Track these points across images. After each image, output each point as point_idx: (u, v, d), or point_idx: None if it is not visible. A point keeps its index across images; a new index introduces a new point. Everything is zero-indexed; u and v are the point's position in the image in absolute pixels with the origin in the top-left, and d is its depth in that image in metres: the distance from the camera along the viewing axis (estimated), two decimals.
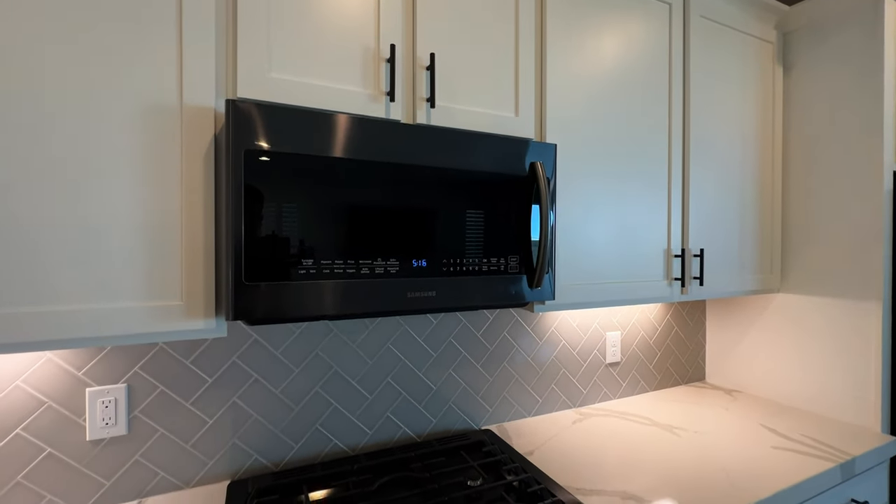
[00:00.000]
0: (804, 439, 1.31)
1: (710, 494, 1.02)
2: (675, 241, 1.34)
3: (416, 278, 0.87)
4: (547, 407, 1.51)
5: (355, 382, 1.21)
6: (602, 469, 1.13)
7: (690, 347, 1.85)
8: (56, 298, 0.69)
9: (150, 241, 0.75)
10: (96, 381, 0.96)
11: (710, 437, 1.33)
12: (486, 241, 0.94)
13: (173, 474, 1.02)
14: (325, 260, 0.79)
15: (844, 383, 1.45)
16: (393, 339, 1.26)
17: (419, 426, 1.29)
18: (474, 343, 1.38)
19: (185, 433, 1.03)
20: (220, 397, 1.07)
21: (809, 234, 1.53)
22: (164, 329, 0.75)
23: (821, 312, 1.51)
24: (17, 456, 0.90)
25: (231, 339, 1.07)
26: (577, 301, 1.16)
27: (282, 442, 1.13)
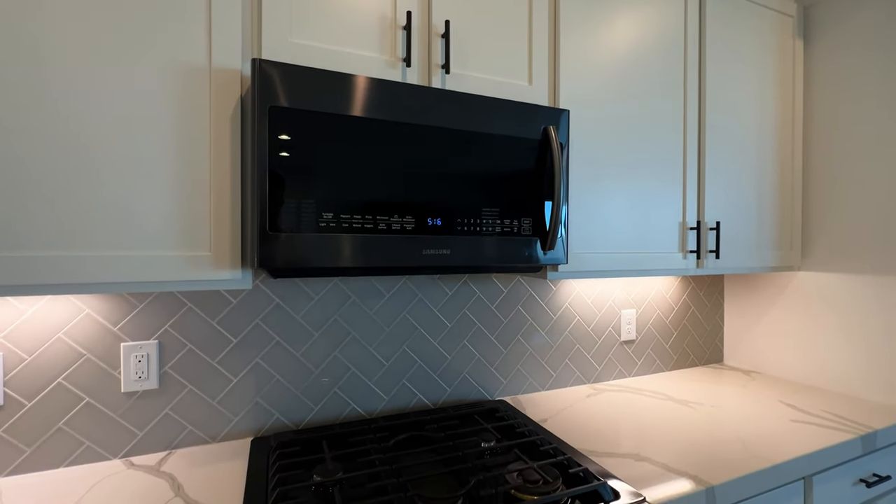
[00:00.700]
0: (825, 414, 1.29)
1: (724, 459, 1.02)
2: (690, 214, 1.34)
3: (432, 236, 0.90)
4: (561, 382, 1.52)
5: (372, 349, 1.25)
6: (616, 435, 1.14)
7: (708, 328, 1.84)
8: (96, 245, 0.74)
9: (181, 194, 0.79)
10: (130, 336, 1.02)
11: (726, 410, 1.32)
12: (499, 203, 0.96)
13: (201, 428, 1.07)
14: (343, 214, 0.83)
15: (869, 362, 1.42)
16: (409, 309, 1.29)
17: (434, 394, 1.32)
18: (489, 315, 1.40)
19: (212, 390, 1.08)
20: (244, 357, 1.11)
21: (832, 209, 1.50)
22: (193, 277, 0.80)
23: (844, 289, 1.48)
24: (59, 403, 0.96)
25: (254, 302, 1.12)
26: (591, 269, 1.17)
27: (302, 403, 1.17)
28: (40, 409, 0.95)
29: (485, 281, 1.39)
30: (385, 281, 1.26)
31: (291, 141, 0.79)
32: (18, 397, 0.93)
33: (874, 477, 1.21)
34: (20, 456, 0.93)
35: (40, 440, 0.95)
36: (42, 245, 0.71)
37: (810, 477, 1.09)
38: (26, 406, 0.94)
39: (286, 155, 0.78)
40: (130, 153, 0.76)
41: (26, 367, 0.94)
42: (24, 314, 0.94)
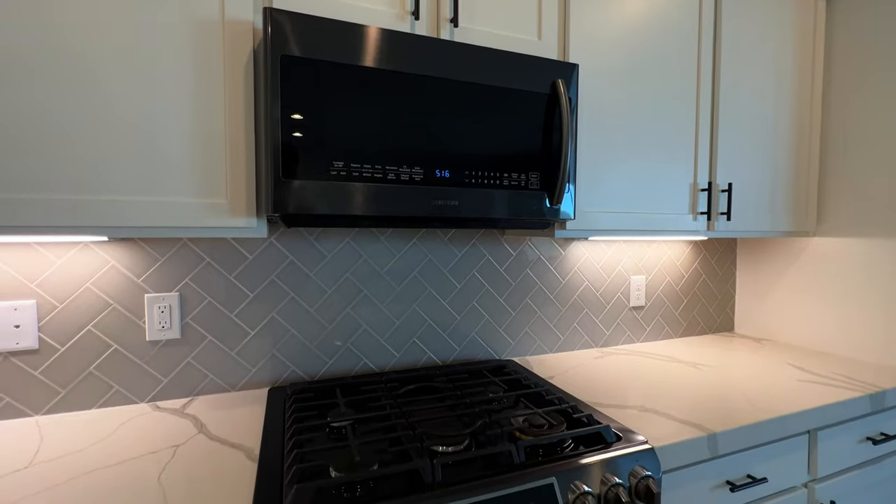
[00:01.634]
0: (834, 375, 1.29)
1: (729, 412, 1.03)
2: (701, 175, 1.32)
3: (440, 187, 0.91)
4: (569, 345, 1.54)
5: (383, 307, 1.28)
6: (622, 390, 1.16)
7: (719, 297, 1.83)
8: (118, 189, 0.78)
9: (197, 144, 0.82)
10: (153, 288, 1.07)
11: (733, 370, 1.33)
12: (507, 157, 0.97)
13: (221, 377, 1.13)
14: (354, 164, 0.85)
15: (882, 327, 1.41)
16: (419, 269, 1.32)
17: (443, 353, 1.36)
18: (498, 278, 1.42)
19: (231, 341, 1.13)
20: (260, 312, 1.16)
21: (850, 174, 1.47)
22: (210, 224, 0.83)
23: (859, 254, 1.46)
24: (89, 349, 1.02)
25: (269, 258, 1.16)
26: (599, 228, 1.18)
27: (316, 357, 1.21)
28: (72, 354, 1.01)
29: (494, 243, 1.41)
30: (395, 241, 1.28)
31: (302, 90, 0.80)
32: (52, 342, 0.99)
33: (882, 435, 1.21)
34: (56, 396, 1.00)
35: (73, 383, 1.01)
36: (68, 189, 0.75)
37: (815, 431, 1.10)
38: (59, 350, 1.00)
39: (297, 103, 0.80)
40: (149, 104, 0.79)
41: (58, 314, 1.00)
42: (54, 265, 0.99)
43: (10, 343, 0.96)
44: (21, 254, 0.97)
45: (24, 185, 0.73)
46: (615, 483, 0.77)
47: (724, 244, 1.83)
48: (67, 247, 1.00)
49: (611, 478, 0.78)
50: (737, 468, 0.99)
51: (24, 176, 0.73)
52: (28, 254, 0.97)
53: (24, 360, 0.98)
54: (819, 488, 1.11)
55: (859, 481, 1.18)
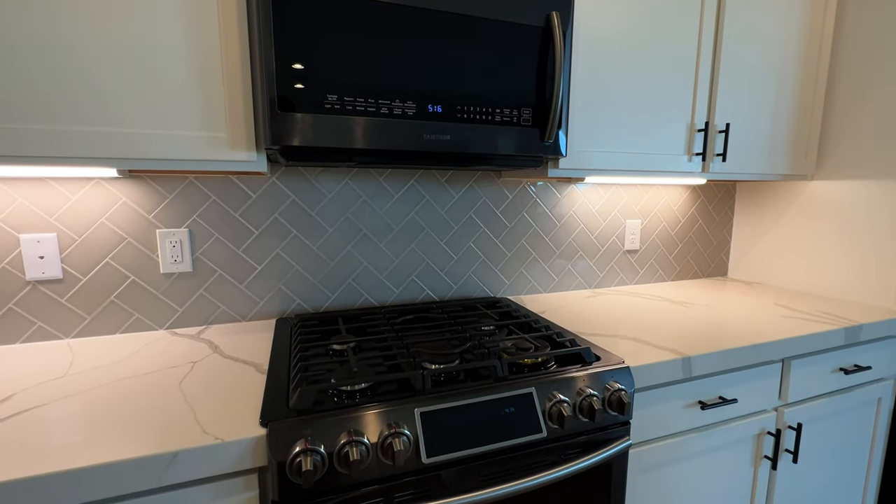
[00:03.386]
0: (815, 312, 1.35)
1: (707, 340, 1.10)
2: (699, 116, 1.32)
3: (432, 121, 0.94)
4: (562, 286, 1.60)
5: (383, 246, 1.34)
6: (607, 323, 1.23)
7: (714, 242, 1.86)
8: (121, 122, 0.82)
9: (195, 76, 0.85)
10: (164, 224, 1.13)
11: (718, 309, 1.38)
12: (499, 92, 0.98)
13: (231, 308, 1.21)
14: (347, 97, 0.87)
15: (869, 267, 1.44)
16: (417, 210, 1.36)
17: (441, 290, 1.43)
18: (494, 219, 1.46)
19: (239, 275, 1.21)
20: (266, 248, 1.22)
21: (853, 117, 1.45)
22: (212, 157, 0.87)
23: (854, 196, 1.46)
24: (109, 280, 1.10)
25: (271, 197, 1.21)
26: (593, 167, 1.20)
27: (320, 291, 1.29)
28: (94, 283, 1.09)
29: (491, 186, 1.44)
30: (393, 182, 1.32)
31: (295, 21, 0.82)
32: (75, 273, 1.07)
33: (855, 367, 1.28)
34: (82, 322, 1.09)
35: (97, 310, 1.10)
36: (73, 120, 0.79)
37: (789, 360, 1.17)
38: (82, 280, 1.08)
39: (290, 35, 0.82)
40: (149, 35, 0.81)
41: (78, 246, 1.07)
42: (70, 200, 1.05)
43: (36, 273, 1.04)
44: (38, 190, 1.03)
45: (31, 117, 0.77)
46: (590, 394, 0.85)
47: (724, 190, 1.83)
48: (80, 183, 1.06)
49: (586, 389, 0.86)
50: (710, 390, 1.07)
51: (31, 107, 0.76)
52: (45, 189, 1.03)
53: (51, 289, 1.06)
54: (788, 412, 1.19)
55: (827, 408, 1.26)
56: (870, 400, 1.35)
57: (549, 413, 0.82)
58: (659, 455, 1.03)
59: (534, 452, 0.82)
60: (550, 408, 0.82)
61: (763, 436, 1.17)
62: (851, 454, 1.36)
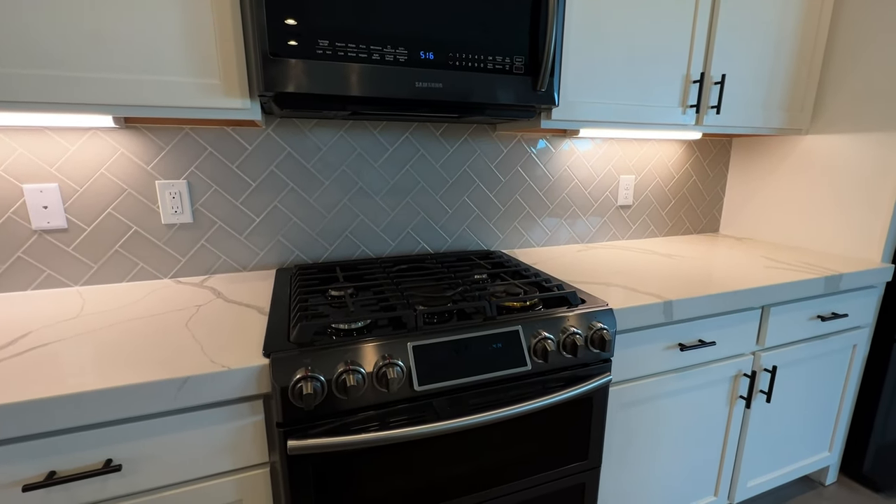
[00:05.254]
0: (799, 263, 1.39)
1: (689, 287, 1.14)
2: (695, 66, 1.31)
3: (424, 69, 0.94)
4: (555, 240, 1.64)
5: (378, 199, 1.36)
6: (596, 273, 1.27)
7: (707, 198, 1.88)
8: (116, 67, 0.82)
9: (186, 21, 0.84)
10: (162, 175, 1.15)
11: (705, 261, 1.43)
12: (491, 38, 0.98)
13: (233, 259, 1.25)
14: (339, 42, 0.87)
15: (856, 220, 1.47)
16: (411, 163, 1.38)
17: (436, 243, 1.46)
18: (488, 174, 1.48)
19: (238, 227, 1.24)
20: (263, 200, 1.25)
21: (851, 70, 1.43)
22: (206, 104, 0.88)
23: (846, 151, 1.47)
24: (113, 230, 1.13)
25: (267, 150, 1.22)
26: (585, 118, 1.20)
27: (318, 243, 1.33)
28: (98, 233, 1.12)
29: (486, 139, 1.44)
30: (388, 135, 1.33)
31: None
32: (79, 222, 1.10)
33: (832, 315, 1.33)
34: (90, 270, 1.13)
35: (103, 259, 1.14)
36: (71, 66, 0.80)
37: (769, 307, 1.22)
38: (86, 230, 1.11)
39: None
40: None
41: (80, 197, 1.09)
42: (69, 151, 1.07)
43: (41, 222, 1.07)
44: (37, 139, 1.04)
45: (29, 62, 0.77)
46: (573, 332, 0.90)
47: (719, 145, 1.83)
48: (78, 133, 1.07)
49: (570, 328, 0.91)
50: (690, 333, 1.13)
51: (28, 52, 0.77)
52: (43, 139, 1.05)
53: (57, 238, 1.10)
54: (765, 356, 1.26)
55: (803, 352, 1.33)
56: (845, 346, 1.41)
57: (535, 349, 0.88)
58: (639, 392, 1.10)
59: (519, 385, 0.89)
60: (535, 344, 0.88)
61: (739, 377, 1.24)
62: (824, 396, 1.45)
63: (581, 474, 1.02)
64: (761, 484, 1.41)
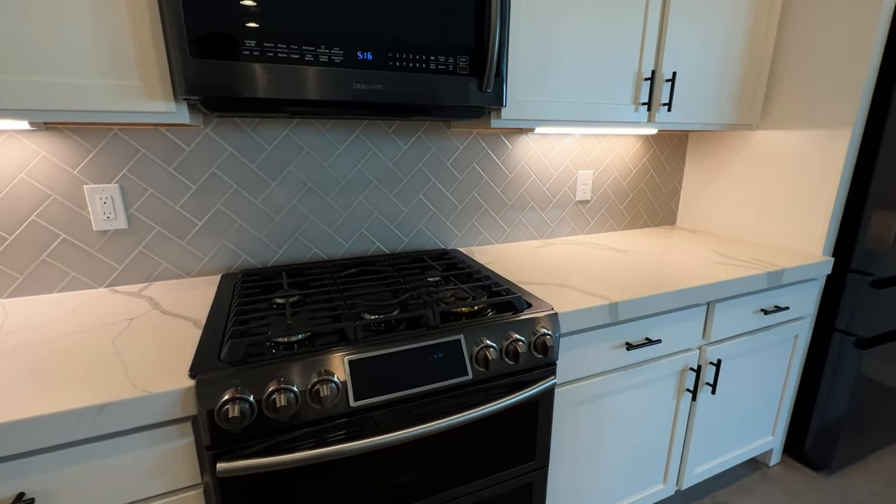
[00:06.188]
0: (746, 258, 1.43)
1: (639, 286, 1.16)
2: (647, 64, 1.30)
3: (362, 70, 0.90)
4: (514, 236, 1.64)
5: (329, 199, 1.32)
6: (549, 272, 1.27)
7: (665, 192, 1.91)
8: (26, 70, 0.76)
9: (99, 17, 0.78)
10: (91, 179, 1.08)
11: (658, 257, 1.45)
12: (435, 38, 0.94)
13: (175, 265, 1.20)
14: (267, 43, 0.82)
15: (801, 214, 1.51)
16: (363, 162, 1.34)
17: (392, 243, 1.44)
18: (444, 172, 1.45)
19: (179, 232, 1.18)
20: (206, 203, 1.19)
21: (801, 60, 1.46)
22: (127, 108, 0.83)
23: (792, 147, 1.51)
24: (38, 239, 1.06)
25: (207, 150, 1.16)
26: (537, 117, 1.19)
27: (266, 246, 1.28)
28: (22, 242, 1.05)
29: (440, 137, 1.42)
30: (337, 133, 1.28)
31: None
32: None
33: (775, 308, 1.38)
34: (14, 282, 1.07)
35: (29, 269, 1.07)
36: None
37: (714, 303, 1.26)
38: (8, 239, 1.04)
39: None
40: None
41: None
42: None
43: None
44: None
45: None
46: (516, 339, 0.90)
47: (676, 139, 1.86)
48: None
49: (513, 335, 0.91)
50: (637, 332, 1.15)
51: None
52: None
53: None
54: (710, 350, 1.30)
55: (748, 345, 1.37)
56: (787, 337, 1.47)
57: (476, 357, 0.88)
58: (588, 391, 1.12)
59: (463, 393, 0.89)
60: (477, 352, 0.88)
61: (686, 371, 1.28)
62: (767, 384, 1.51)
63: (529, 474, 1.03)
64: (708, 469, 1.47)
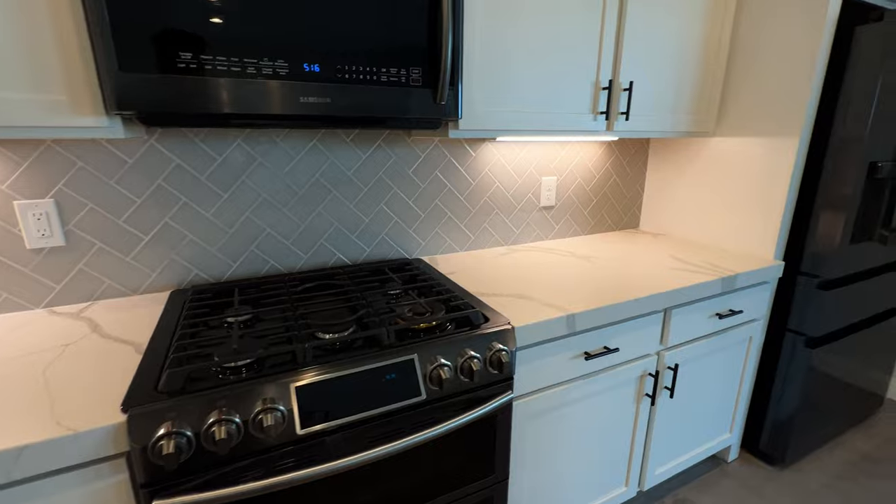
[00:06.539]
0: (702, 263, 1.46)
1: (595, 295, 1.17)
2: (604, 74, 1.31)
3: (309, 83, 0.87)
4: (479, 244, 1.63)
5: (286, 210, 1.28)
6: (510, 282, 1.27)
7: (628, 196, 1.94)
8: None
9: (15, 28, 0.73)
10: (23, 195, 1.01)
11: (619, 263, 1.47)
12: (385, 49, 0.92)
13: (120, 283, 1.14)
14: (205, 55, 0.78)
15: (755, 219, 1.56)
16: (321, 172, 1.30)
17: (353, 253, 1.41)
18: (406, 180, 1.43)
19: (123, 247, 1.13)
20: (152, 217, 1.14)
21: (752, 70, 1.50)
22: (53, 124, 0.77)
23: (746, 153, 1.56)
24: None
25: (152, 162, 1.11)
26: (495, 127, 1.18)
27: (220, 260, 1.24)
28: None
29: (401, 145, 1.39)
30: (293, 143, 1.25)
31: None
32: None
33: (729, 311, 1.42)
34: None
35: None
36: None
37: (670, 309, 1.28)
38: None
39: None
40: None
41: None
42: None
43: None
44: None
45: None
46: (471, 356, 0.89)
47: (638, 144, 1.89)
48: None
49: (468, 352, 0.90)
50: (595, 341, 1.16)
51: None
52: None
53: None
54: (668, 355, 1.32)
55: (704, 348, 1.41)
56: (742, 339, 1.52)
57: (430, 376, 0.86)
58: (547, 402, 1.13)
59: (418, 413, 0.87)
60: (431, 371, 0.86)
61: (644, 377, 1.30)
62: (724, 384, 1.56)
63: (489, 489, 1.03)
64: (669, 469, 1.51)
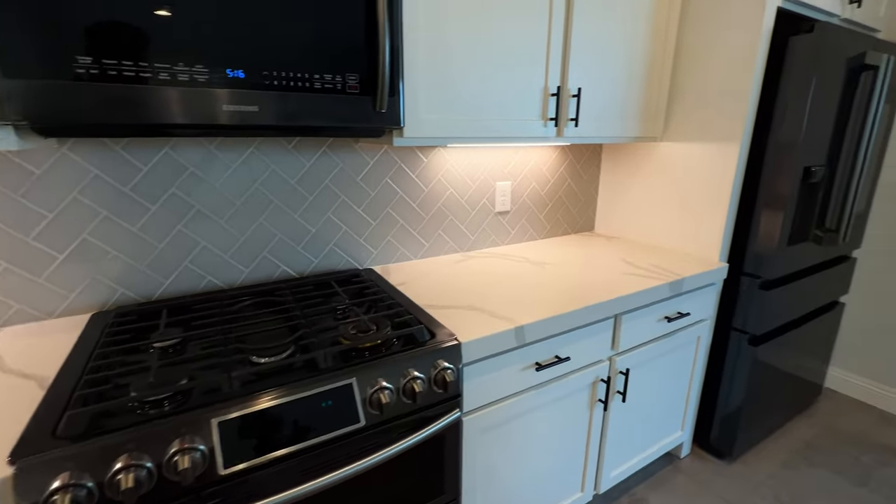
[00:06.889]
0: (652, 267, 1.49)
1: (546, 304, 1.16)
2: (552, 80, 1.31)
3: (233, 90, 0.81)
4: (434, 251, 1.60)
5: (223, 223, 1.21)
6: (462, 292, 1.25)
7: (583, 200, 1.96)
8: None
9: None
10: None
11: (572, 268, 1.47)
12: (318, 54, 0.87)
13: (31, 306, 1.04)
14: (108, 60, 0.71)
15: (702, 222, 1.60)
16: (261, 181, 1.23)
17: (300, 265, 1.35)
18: (354, 188, 1.38)
19: (34, 268, 1.02)
20: (68, 233, 1.04)
21: (696, 77, 1.54)
22: None
23: (691, 158, 1.59)
24: None
25: (65, 173, 1.01)
26: (442, 135, 1.15)
27: (149, 277, 1.15)
28: None
29: (348, 151, 1.34)
30: (228, 151, 1.17)
31: None
32: None
33: (677, 314, 1.45)
34: None
35: None
36: None
37: (620, 315, 1.29)
38: None
39: None
40: None
41: None
42: None
43: None
44: None
45: None
46: (414, 376, 0.86)
47: (591, 149, 1.90)
48: None
49: (411, 372, 0.86)
50: (546, 351, 1.15)
51: None
52: None
53: None
54: (619, 360, 1.33)
55: (654, 351, 1.43)
56: (690, 340, 1.56)
57: (370, 401, 0.82)
58: (499, 415, 1.11)
59: (357, 440, 0.83)
60: (372, 395, 0.82)
61: (597, 383, 1.31)
62: (675, 384, 1.59)
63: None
64: (624, 471, 1.53)
